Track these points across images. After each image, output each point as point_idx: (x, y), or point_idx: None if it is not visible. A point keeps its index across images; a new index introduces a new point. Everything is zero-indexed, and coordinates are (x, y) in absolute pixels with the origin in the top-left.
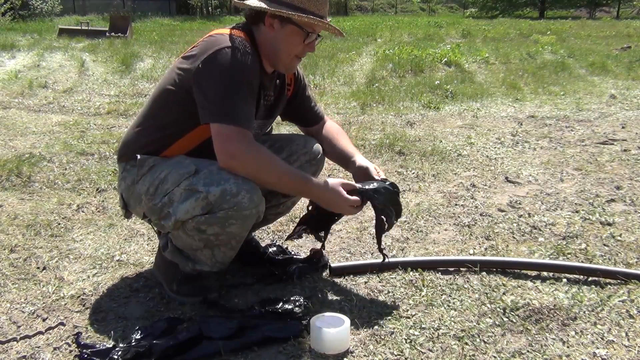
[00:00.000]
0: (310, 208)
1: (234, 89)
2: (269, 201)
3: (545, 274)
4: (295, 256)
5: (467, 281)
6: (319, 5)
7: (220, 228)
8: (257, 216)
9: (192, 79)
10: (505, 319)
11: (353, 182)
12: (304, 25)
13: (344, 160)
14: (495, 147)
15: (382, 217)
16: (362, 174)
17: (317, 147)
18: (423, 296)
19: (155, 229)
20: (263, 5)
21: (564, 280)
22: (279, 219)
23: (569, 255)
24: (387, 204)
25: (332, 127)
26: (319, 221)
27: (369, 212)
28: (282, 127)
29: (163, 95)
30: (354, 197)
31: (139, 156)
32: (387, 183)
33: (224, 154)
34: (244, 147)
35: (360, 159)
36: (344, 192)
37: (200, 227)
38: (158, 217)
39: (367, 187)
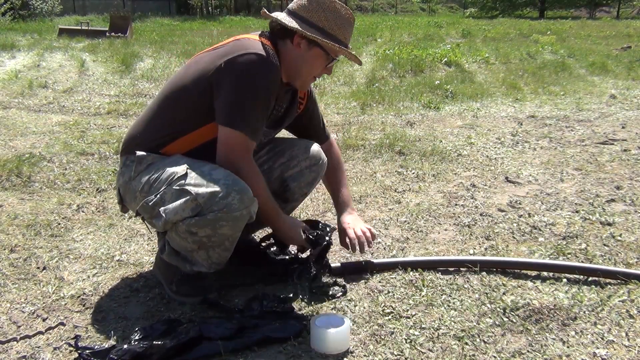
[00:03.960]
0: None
1: (254, 96)
2: None
3: (545, 274)
4: (295, 256)
5: (467, 281)
6: (347, 34)
7: (211, 230)
8: (248, 217)
9: (212, 77)
10: (505, 319)
11: (310, 231)
12: (330, 51)
13: (335, 201)
14: (495, 147)
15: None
16: (341, 228)
17: (319, 152)
18: (423, 296)
19: (149, 226)
20: (296, 25)
21: (564, 280)
22: None
23: (569, 255)
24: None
25: (334, 156)
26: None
27: (368, 211)
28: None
29: (176, 92)
30: (304, 241)
31: (137, 153)
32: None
33: (223, 161)
34: (240, 163)
35: (346, 217)
36: (301, 233)
37: (191, 229)
38: (150, 216)
39: (319, 240)
